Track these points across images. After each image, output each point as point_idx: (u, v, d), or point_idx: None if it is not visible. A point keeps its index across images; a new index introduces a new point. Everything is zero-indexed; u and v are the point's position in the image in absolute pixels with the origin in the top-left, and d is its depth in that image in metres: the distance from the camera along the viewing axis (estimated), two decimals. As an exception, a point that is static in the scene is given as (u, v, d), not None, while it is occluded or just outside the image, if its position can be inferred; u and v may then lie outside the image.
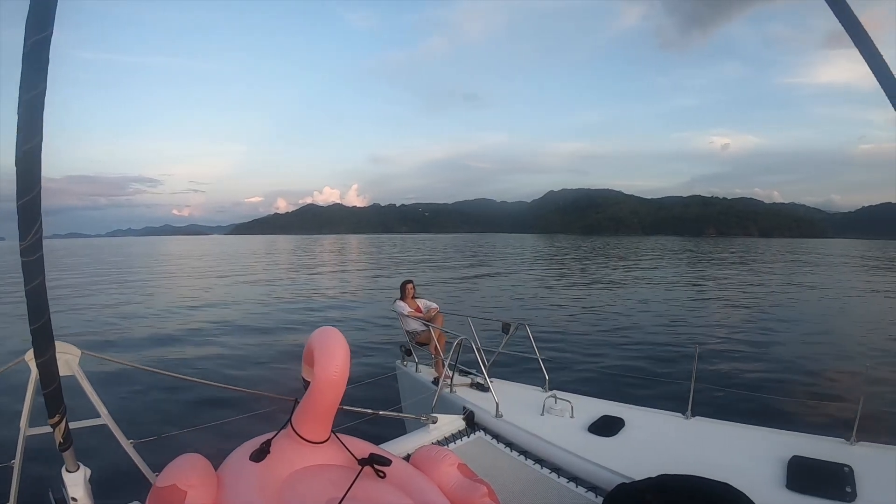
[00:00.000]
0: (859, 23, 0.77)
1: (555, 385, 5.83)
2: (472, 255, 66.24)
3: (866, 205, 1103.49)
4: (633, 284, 30.45)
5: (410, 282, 7.49)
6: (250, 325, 17.06)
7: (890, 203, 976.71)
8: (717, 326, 17.36)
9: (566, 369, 10.55)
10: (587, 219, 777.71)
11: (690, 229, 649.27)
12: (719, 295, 26.14)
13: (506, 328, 6.25)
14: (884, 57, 0.77)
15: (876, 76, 0.82)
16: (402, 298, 7.35)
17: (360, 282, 32.67)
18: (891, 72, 0.81)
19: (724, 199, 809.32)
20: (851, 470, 3.79)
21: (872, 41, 0.81)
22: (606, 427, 4.64)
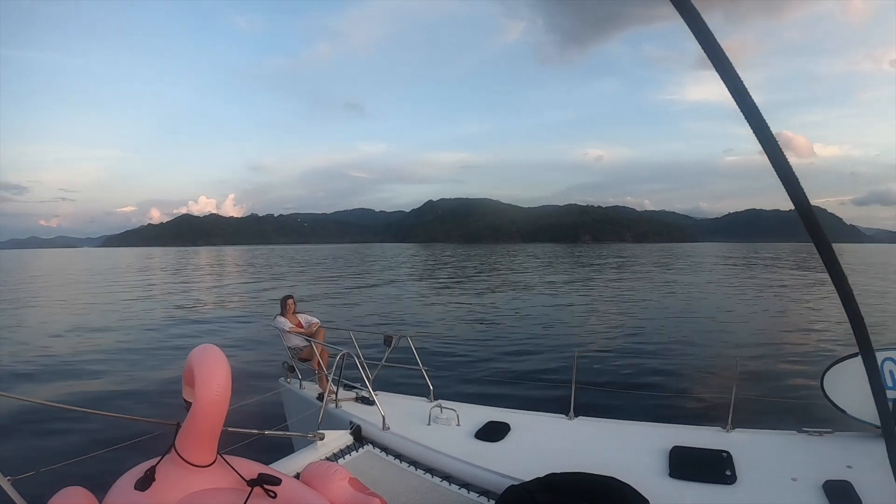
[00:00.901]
0: (721, 48, 0.83)
1: (440, 395, 5.93)
2: (352, 266, 65.62)
3: (732, 211, 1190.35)
4: (514, 291, 31.26)
5: (291, 297, 7.39)
6: (127, 346, 16.00)
7: (753, 209, 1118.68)
8: (596, 329, 18.23)
9: (451, 378, 10.67)
10: (467, 227, 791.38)
11: (567, 236, 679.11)
12: (598, 298, 27.53)
13: (388, 341, 6.25)
14: (742, 79, 0.85)
15: (735, 98, 0.87)
16: (283, 314, 7.22)
17: (240, 296, 31.54)
18: (748, 93, 0.88)
19: (600, 207, 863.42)
20: (730, 455, 4.08)
21: (732, 65, 0.85)
22: (493, 432, 4.73)
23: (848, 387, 4.98)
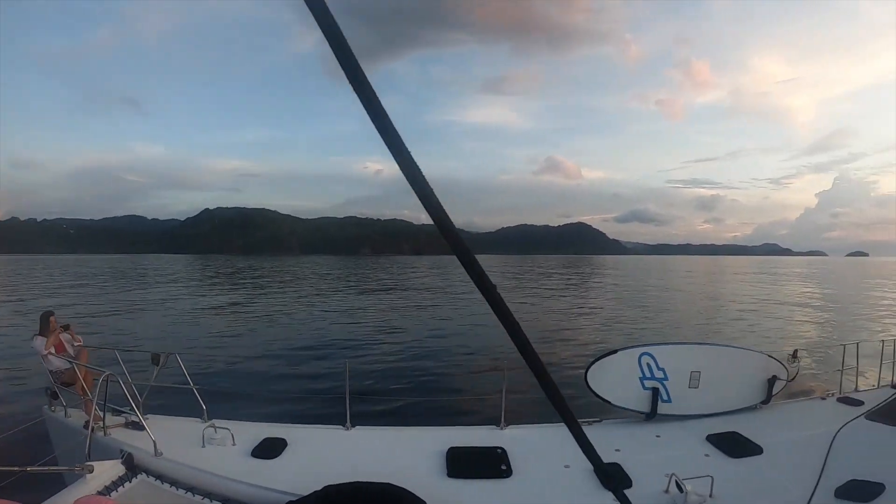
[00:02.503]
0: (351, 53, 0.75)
1: (214, 414, 5.74)
2: (121, 279, 59.63)
3: (505, 226, 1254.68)
4: (291, 305, 30.88)
5: (52, 314, 6.52)
6: None
7: (525, 224, 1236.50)
8: (369, 337, 18.82)
9: (225, 396, 10.25)
10: (245, 238, 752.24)
11: (347, 248, 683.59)
12: (370, 307, 28.46)
13: (156, 359, 5.94)
14: (380, 100, 0.84)
15: (371, 116, 0.85)
16: (43, 333, 6.34)
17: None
18: (386, 115, 0.85)
19: (378, 220, 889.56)
20: (504, 451, 4.34)
21: (369, 82, 0.81)
22: (269, 449, 4.70)
23: (609, 380, 5.59)
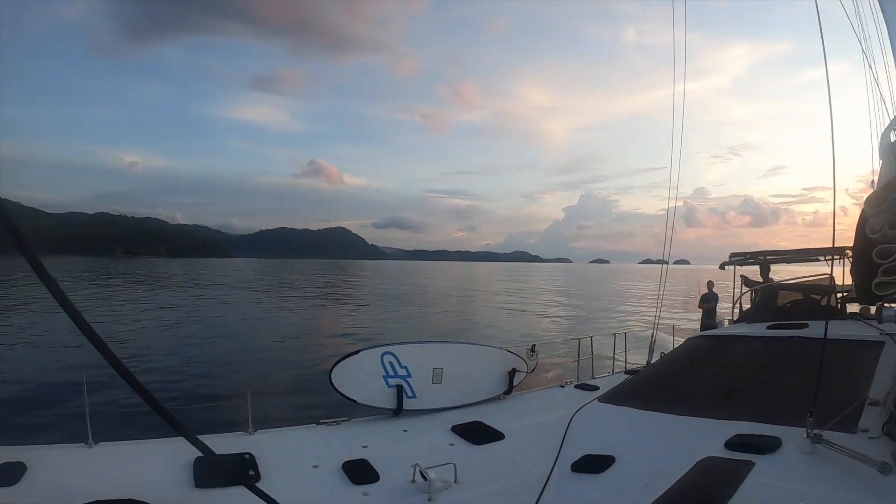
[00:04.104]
0: None
1: None
2: None
3: (265, 228, 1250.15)
4: (18, 312, 27.27)
5: None
6: None
7: (285, 227, 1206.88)
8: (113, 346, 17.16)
9: None
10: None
11: (98, 248, 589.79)
12: (112, 314, 26.79)
13: None
14: None
15: None
16: None
17: None
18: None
19: (133, 217, 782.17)
20: (252, 456, 4.28)
21: None
22: (7, 476, 4.09)
23: (354, 379, 5.69)
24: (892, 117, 3.29)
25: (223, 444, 4.67)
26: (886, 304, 3.86)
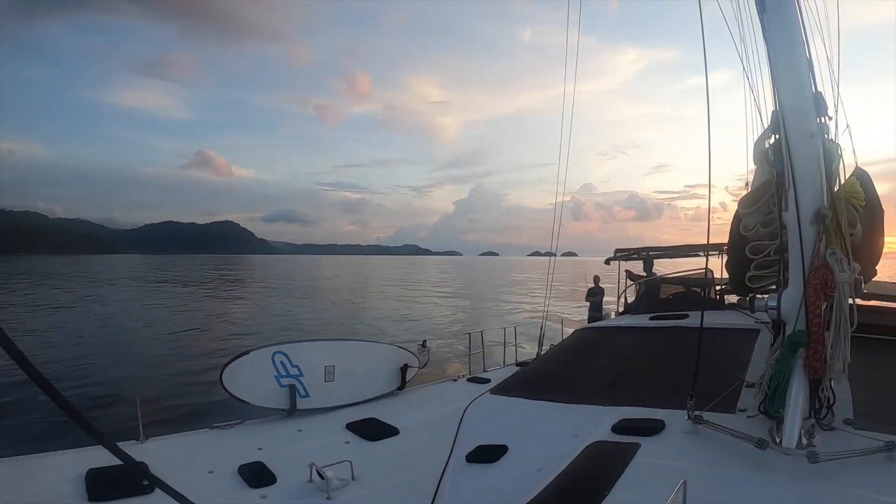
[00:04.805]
0: None
1: None
2: None
3: (150, 223, 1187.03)
4: None
5: None
6: None
7: (171, 221, 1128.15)
8: None
9: None
10: None
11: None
12: None
13: None
14: None
15: None
16: None
17: None
18: None
19: (12, 212, 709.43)
20: (146, 465, 3.77)
21: None
22: None
23: (245, 380, 5.54)
24: (765, 127, 3.62)
25: (112, 455, 2.96)
26: (758, 296, 3.83)
